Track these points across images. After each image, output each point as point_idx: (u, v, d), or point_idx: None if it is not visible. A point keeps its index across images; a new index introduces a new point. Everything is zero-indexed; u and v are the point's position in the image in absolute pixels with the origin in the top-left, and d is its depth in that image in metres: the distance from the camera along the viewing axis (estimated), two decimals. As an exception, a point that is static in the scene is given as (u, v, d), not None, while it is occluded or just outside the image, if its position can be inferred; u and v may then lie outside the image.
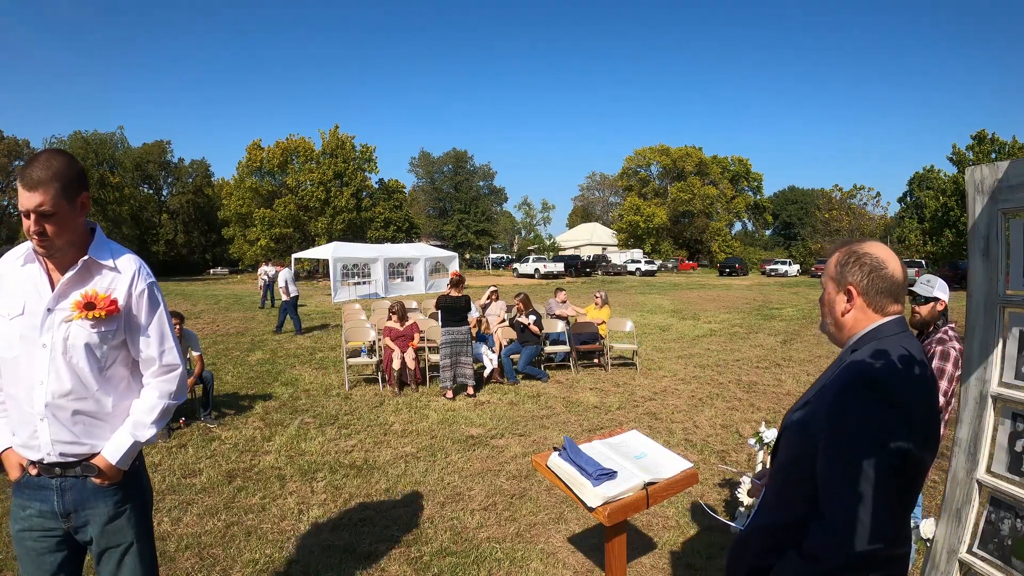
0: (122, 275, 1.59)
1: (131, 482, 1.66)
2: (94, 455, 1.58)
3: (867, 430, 1.05)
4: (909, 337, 1.19)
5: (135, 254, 1.68)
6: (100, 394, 1.57)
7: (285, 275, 11.51)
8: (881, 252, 1.22)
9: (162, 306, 1.68)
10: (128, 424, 1.62)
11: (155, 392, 1.65)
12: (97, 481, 1.57)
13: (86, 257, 1.53)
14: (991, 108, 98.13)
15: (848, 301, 1.24)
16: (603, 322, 8.16)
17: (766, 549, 1.20)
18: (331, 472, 4.19)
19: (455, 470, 4.25)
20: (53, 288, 1.52)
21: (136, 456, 1.66)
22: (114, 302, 1.56)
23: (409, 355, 6.68)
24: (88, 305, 1.52)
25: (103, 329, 1.55)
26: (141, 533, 1.69)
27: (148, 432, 1.63)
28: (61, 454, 1.53)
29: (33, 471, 1.55)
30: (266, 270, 17.02)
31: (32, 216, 1.43)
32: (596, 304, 8.66)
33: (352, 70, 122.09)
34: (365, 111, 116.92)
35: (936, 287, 2.56)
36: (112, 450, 1.58)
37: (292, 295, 11.31)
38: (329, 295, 20.06)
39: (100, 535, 1.61)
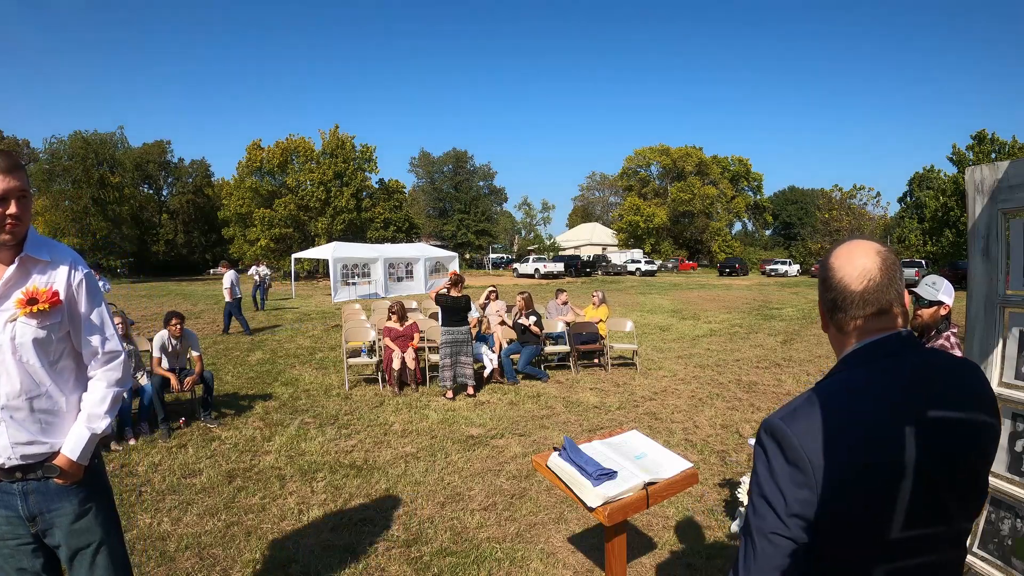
0: (59, 268, 1.61)
1: (93, 479, 1.66)
2: (53, 454, 1.58)
3: (757, 480, 0.91)
4: (893, 368, 0.91)
5: (68, 247, 1.70)
6: (53, 389, 1.58)
7: (231, 277, 11.27)
8: (838, 258, 0.96)
9: (100, 295, 1.71)
10: (83, 418, 1.63)
11: (103, 382, 1.67)
12: (59, 481, 1.57)
13: (23, 254, 1.54)
14: (991, 108, 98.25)
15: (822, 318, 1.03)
16: (600, 320, 8.18)
17: None
18: (331, 472, 4.18)
19: (455, 470, 4.25)
20: None
21: (95, 452, 1.67)
22: (56, 293, 1.57)
23: (409, 355, 6.68)
24: (31, 300, 1.52)
25: (49, 322, 1.56)
26: (109, 530, 1.69)
27: (103, 423, 1.65)
28: (22, 456, 1.52)
29: None
30: (257, 270, 16.74)
31: (12, 200, 1.46)
32: (593, 304, 8.68)
33: (352, 70, 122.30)
34: (365, 111, 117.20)
35: (941, 290, 2.41)
36: (71, 446, 1.58)
37: (236, 297, 11.22)
38: (329, 295, 20.07)
39: (68, 536, 1.60)
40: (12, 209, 1.46)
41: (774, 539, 0.86)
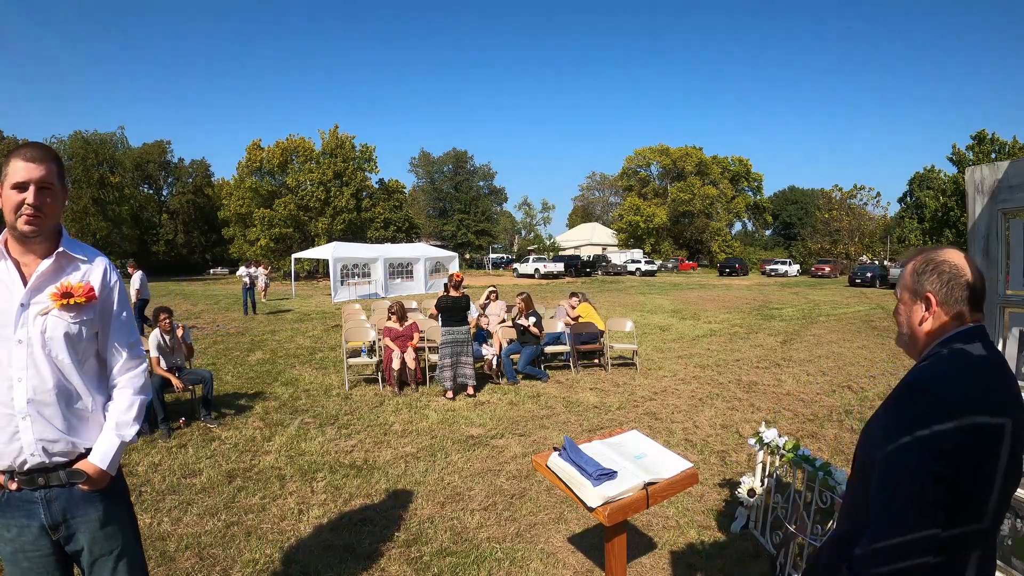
0: (94, 267, 1.61)
1: (116, 484, 1.65)
2: (77, 456, 1.56)
3: (911, 435, 1.03)
4: (987, 345, 1.13)
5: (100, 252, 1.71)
6: (81, 388, 1.57)
7: (140, 277, 10.81)
8: (958, 259, 1.18)
9: (127, 301, 1.72)
10: (111, 425, 1.60)
11: (130, 389, 1.66)
12: (84, 488, 1.55)
13: (60, 249, 1.54)
14: (991, 108, 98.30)
15: (927, 310, 1.19)
16: (580, 317, 8.22)
17: (834, 562, 1.18)
18: (331, 472, 4.18)
19: (455, 470, 4.25)
20: (25, 283, 1.50)
21: None
22: (91, 288, 1.56)
23: (409, 355, 6.68)
24: (66, 294, 1.52)
25: (82, 318, 1.55)
26: (131, 535, 1.67)
27: (132, 431, 1.63)
28: (44, 452, 1.49)
29: (12, 486, 1.50)
30: (248, 272, 15.69)
31: (32, 188, 1.45)
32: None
33: (352, 70, 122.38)
34: (365, 111, 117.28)
35: None
36: (101, 455, 1.56)
37: (142, 298, 10.78)
38: (329, 295, 20.07)
39: (92, 542, 1.57)
40: (29, 198, 1.45)
41: (929, 490, 1.01)
